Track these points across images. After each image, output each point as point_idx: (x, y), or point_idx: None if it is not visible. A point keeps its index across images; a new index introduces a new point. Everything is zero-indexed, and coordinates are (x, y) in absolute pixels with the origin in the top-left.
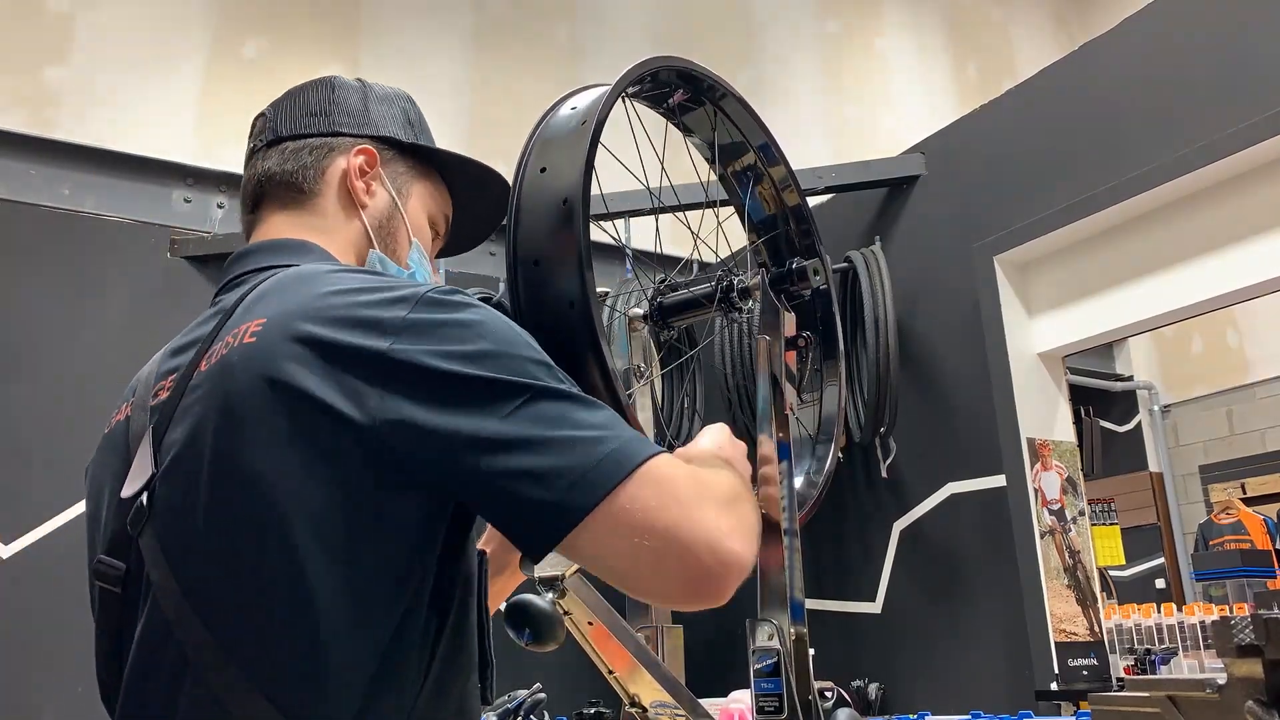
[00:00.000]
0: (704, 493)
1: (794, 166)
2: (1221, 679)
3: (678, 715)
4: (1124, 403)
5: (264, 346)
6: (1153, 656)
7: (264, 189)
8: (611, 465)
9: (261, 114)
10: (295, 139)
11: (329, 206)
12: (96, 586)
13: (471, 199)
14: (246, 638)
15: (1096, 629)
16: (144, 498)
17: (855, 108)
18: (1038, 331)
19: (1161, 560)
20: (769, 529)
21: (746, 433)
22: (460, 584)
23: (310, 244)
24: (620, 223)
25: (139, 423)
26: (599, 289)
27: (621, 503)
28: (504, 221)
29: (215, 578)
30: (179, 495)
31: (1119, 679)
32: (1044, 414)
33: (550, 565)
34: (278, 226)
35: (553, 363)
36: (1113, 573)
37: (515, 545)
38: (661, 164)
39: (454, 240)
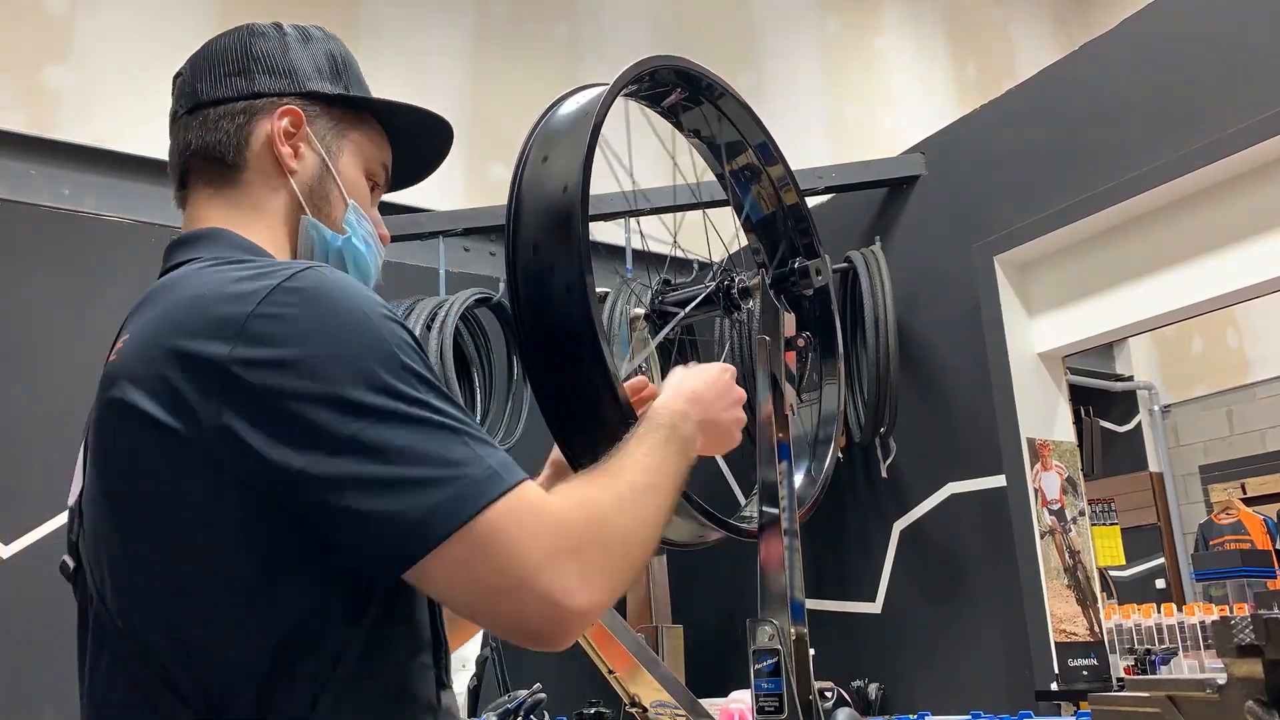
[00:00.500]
0: (556, 537)
1: (794, 166)
2: (1221, 679)
3: (678, 715)
4: (1124, 403)
5: (118, 365)
6: (1153, 657)
7: (188, 164)
8: (471, 493)
9: (180, 72)
10: (215, 104)
11: (254, 180)
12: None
13: (411, 136)
14: (153, 636)
15: (1096, 629)
16: (78, 506)
17: (855, 107)
18: (1038, 331)
19: (1161, 560)
20: (769, 527)
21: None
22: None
23: (228, 234)
24: (621, 223)
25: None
26: (599, 289)
27: (475, 531)
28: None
29: (118, 582)
30: (85, 507)
31: (1119, 679)
32: (1044, 414)
33: None
34: (203, 209)
35: (411, 362)
36: (1113, 573)
37: (367, 568)
38: (674, 162)
39: (397, 180)
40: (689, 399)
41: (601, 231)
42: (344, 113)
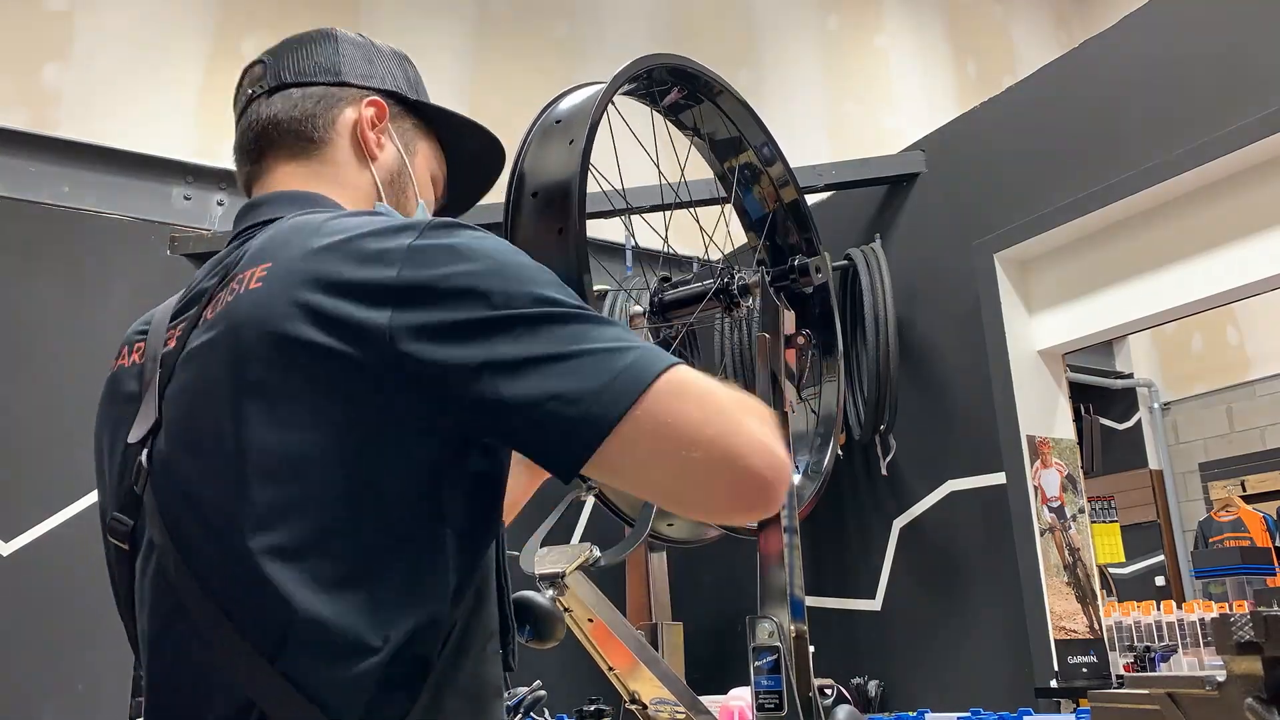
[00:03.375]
0: (739, 401)
1: (793, 164)
2: (1221, 676)
3: (678, 712)
4: (1124, 400)
5: (267, 295)
6: (1152, 654)
7: (269, 137)
8: (633, 375)
9: (258, 61)
10: (300, 86)
11: (340, 156)
12: (110, 543)
13: (466, 162)
14: (242, 600)
15: (1096, 626)
16: (144, 455)
17: (855, 105)
18: (1038, 329)
19: (1161, 558)
20: (769, 525)
21: None
22: (490, 542)
23: (321, 197)
24: (622, 222)
25: (149, 371)
26: (598, 288)
27: (646, 409)
28: (502, 219)
29: (208, 537)
30: (178, 451)
31: (1118, 676)
32: (1044, 411)
33: (551, 562)
34: (286, 178)
35: (560, 281)
36: (1112, 570)
37: (546, 468)
38: (681, 165)
39: (448, 203)
40: None
41: (601, 230)
42: (418, 121)
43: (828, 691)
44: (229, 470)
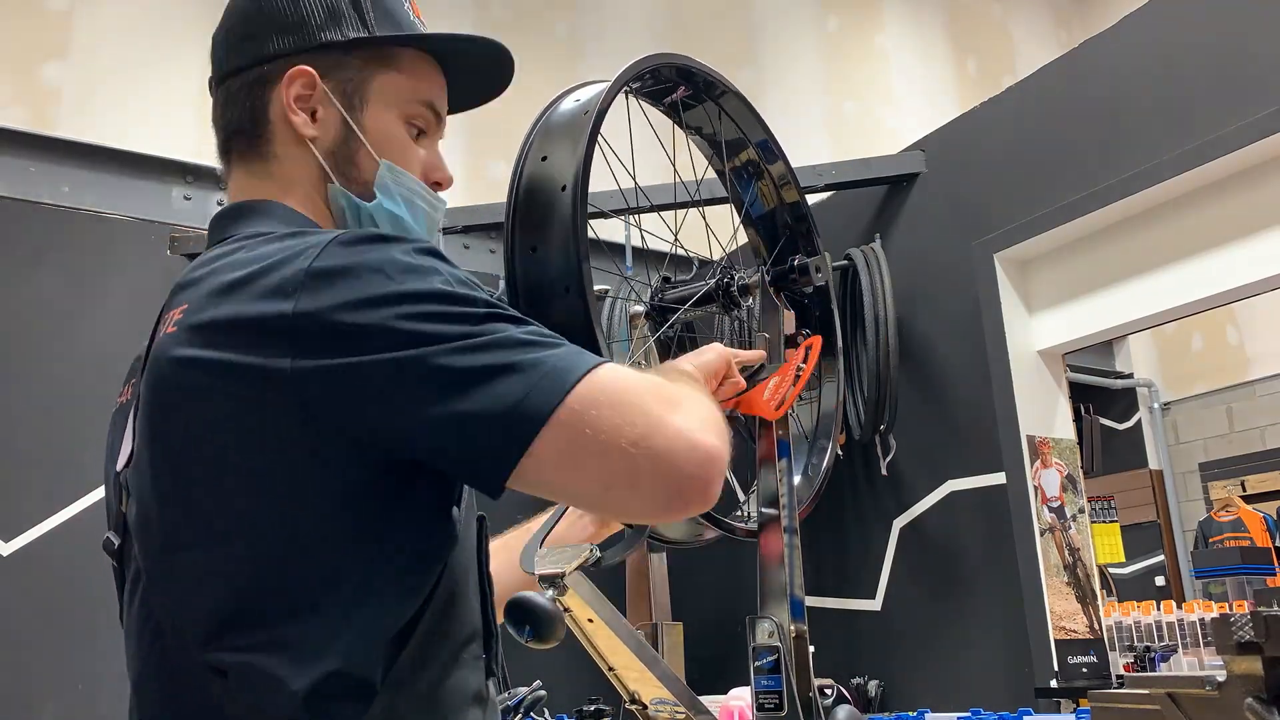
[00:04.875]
0: (662, 395)
1: (794, 164)
2: (1221, 676)
3: (678, 712)
4: (1124, 400)
5: (173, 341)
6: (1152, 654)
7: (222, 141)
8: (550, 384)
9: (214, 33)
10: (235, 74)
11: (280, 151)
12: (108, 560)
13: (459, 59)
14: (197, 608)
15: (1096, 626)
16: (124, 476)
17: (855, 105)
18: (1038, 329)
19: (1161, 558)
20: (769, 525)
21: (746, 429)
22: (445, 545)
23: (267, 204)
24: (622, 220)
25: (130, 400)
26: (598, 286)
27: (564, 418)
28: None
29: (164, 552)
30: (136, 475)
31: (1119, 676)
32: (1044, 411)
33: (551, 563)
34: (241, 184)
35: (472, 284)
36: (1112, 570)
37: (473, 487)
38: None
39: (461, 98)
40: (687, 362)
41: (601, 229)
42: (367, 56)
43: (828, 691)
44: (172, 498)
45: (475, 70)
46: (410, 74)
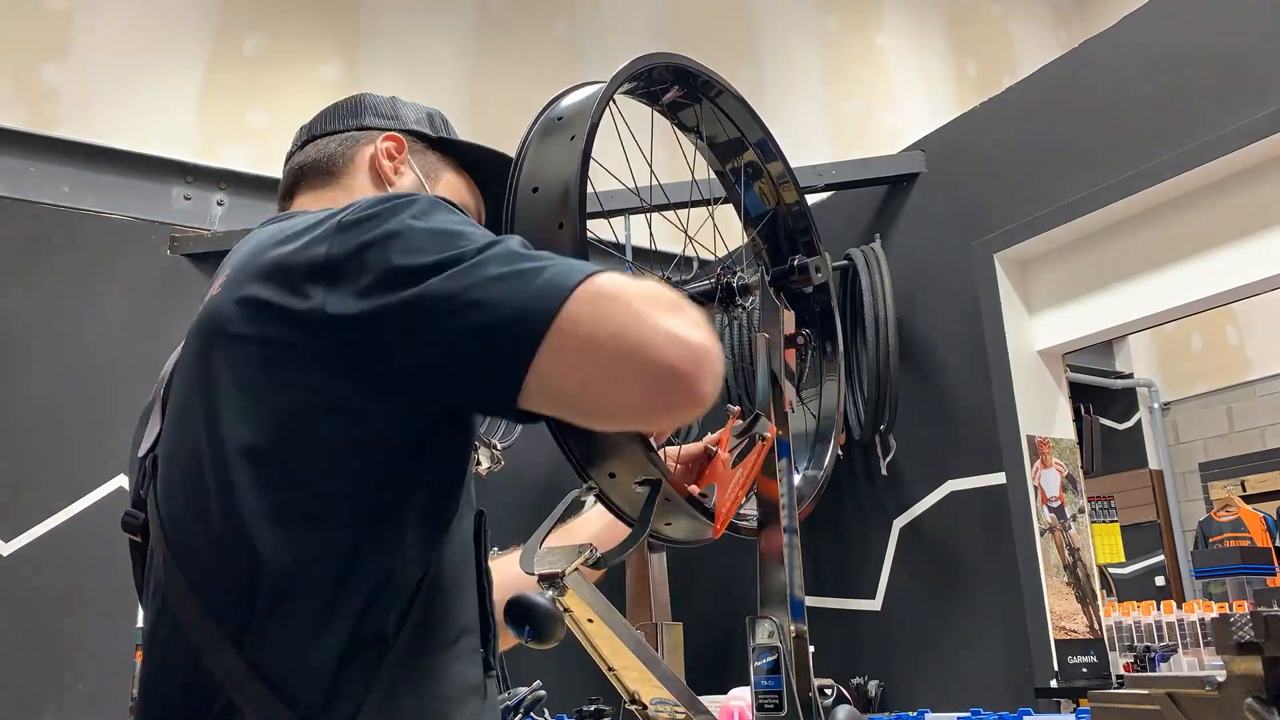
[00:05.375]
0: (651, 296)
1: (793, 164)
2: (1221, 676)
3: (677, 712)
4: (1124, 400)
5: (221, 298)
6: (1152, 654)
7: (297, 177)
8: (549, 292)
9: (302, 126)
10: (327, 135)
11: (356, 184)
12: (127, 537)
13: (496, 187)
14: (213, 581)
15: (1096, 626)
16: (150, 458)
17: (855, 105)
18: (1038, 329)
19: (1161, 558)
20: (769, 524)
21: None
22: (448, 518)
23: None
24: (619, 221)
25: (159, 387)
26: None
27: (564, 323)
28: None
29: (183, 522)
30: (165, 448)
31: (1118, 676)
32: (1044, 411)
33: (551, 563)
34: (303, 205)
35: (468, 218)
36: (1112, 570)
37: (492, 414)
38: (649, 163)
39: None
40: None
41: (601, 228)
42: (441, 157)
43: (828, 691)
44: (205, 454)
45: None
46: (464, 185)
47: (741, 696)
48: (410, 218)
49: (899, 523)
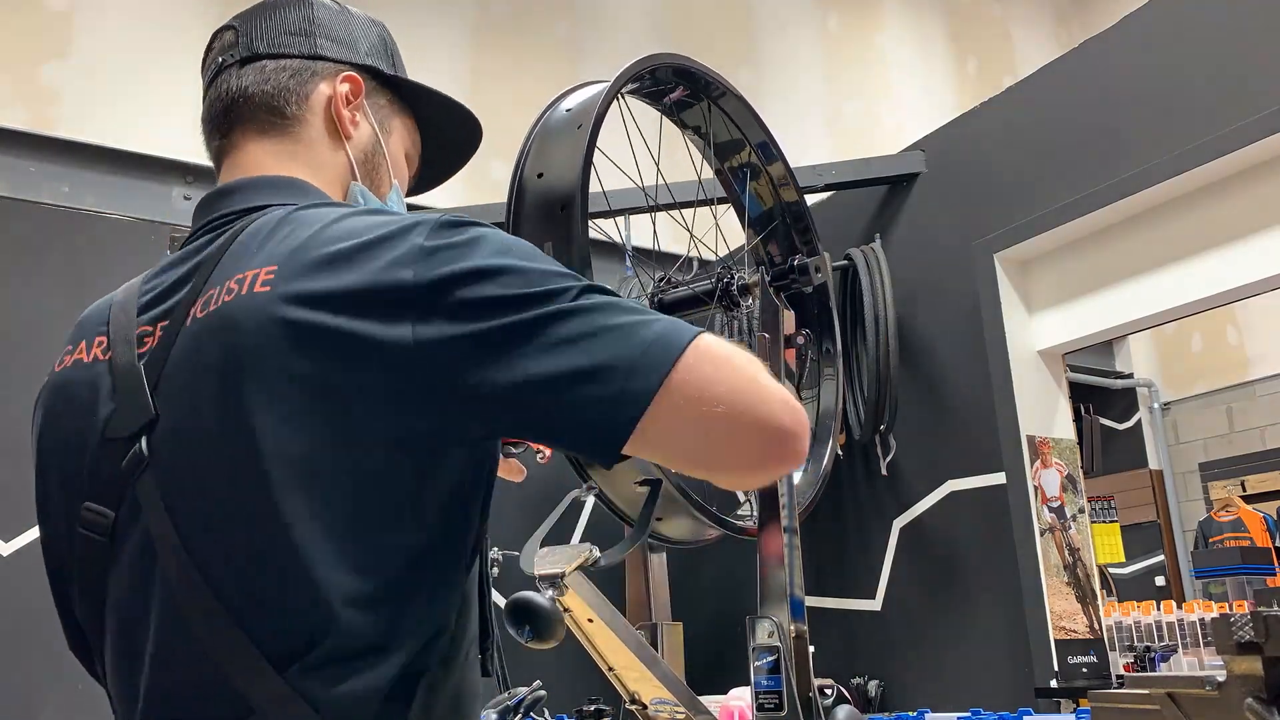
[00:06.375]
0: (752, 360)
1: (794, 164)
2: (1221, 676)
3: (678, 712)
4: (1124, 400)
5: (274, 303)
6: (1152, 654)
7: (239, 110)
8: (662, 346)
9: (228, 27)
10: (274, 58)
11: (314, 135)
12: (79, 535)
13: (441, 138)
14: (250, 599)
15: (1096, 626)
16: (143, 444)
17: (855, 104)
18: (1038, 329)
19: (1161, 557)
20: (769, 525)
21: None
22: (478, 547)
23: (303, 182)
24: (620, 221)
25: (125, 365)
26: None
27: (681, 378)
28: (504, 218)
29: (218, 535)
30: (182, 446)
31: (1119, 676)
32: (1044, 411)
33: (551, 563)
34: (258, 158)
35: (565, 268)
36: (1112, 570)
37: (588, 455)
38: (657, 163)
39: (427, 176)
40: None
41: (603, 228)
42: (393, 96)
43: (828, 691)
44: (253, 474)
45: (444, 147)
46: (410, 128)
47: (742, 696)
48: (502, 250)
49: (899, 523)
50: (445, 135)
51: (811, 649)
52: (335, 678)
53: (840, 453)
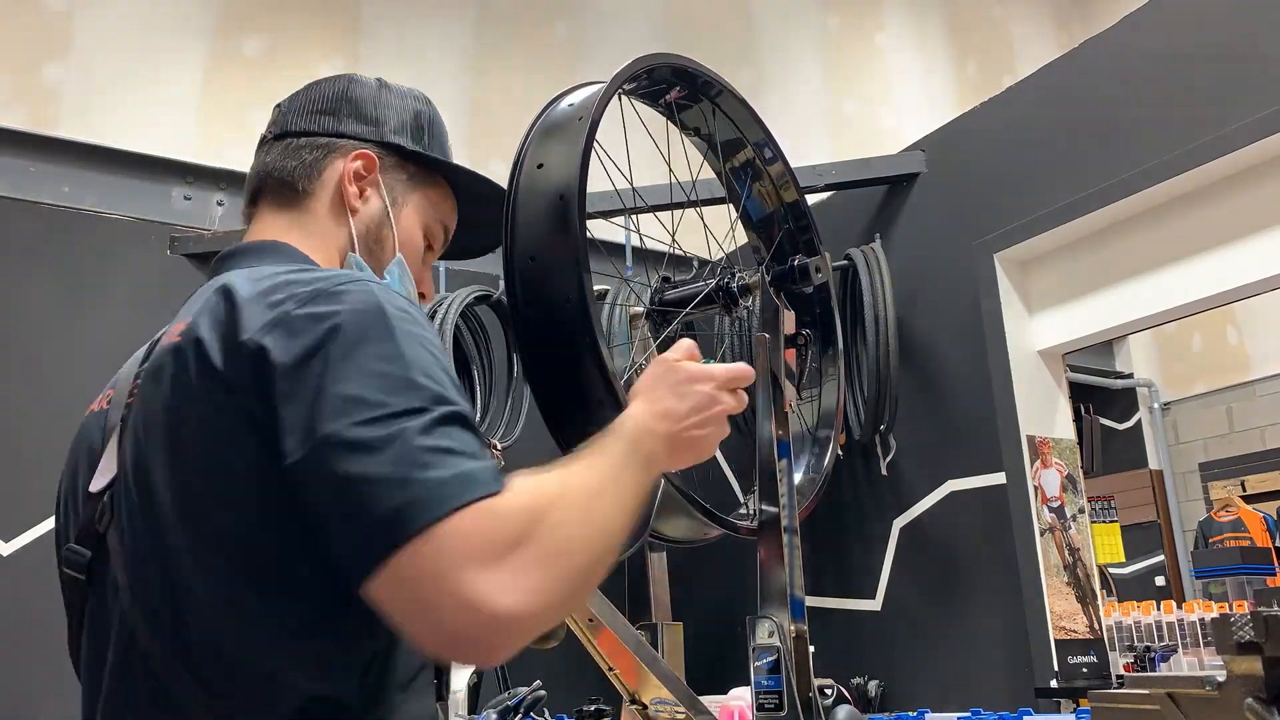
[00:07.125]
0: (507, 535)
1: (794, 164)
2: (1221, 676)
3: (678, 712)
4: (1124, 400)
5: (182, 345)
6: (1152, 654)
7: (262, 184)
8: (405, 517)
9: (279, 104)
10: (300, 135)
11: (319, 209)
12: (63, 571)
13: (475, 209)
14: (189, 641)
15: (1096, 626)
16: (108, 496)
17: (855, 105)
18: (1038, 329)
19: (1161, 558)
20: (769, 524)
21: (746, 427)
22: None
23: (284, 245)
24: (622, 219)
25: (114, 418)
26: (598, 287)
27: (401, 558)
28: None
29: (155, 584)
30: (131, 501)
31: (1118, 676)
32: (1044, 411)
33: None
34: (267, 225)
35: (429, 367)
36: (1112, 570)
37: (341, 562)
38: (668, 161)
39: (457, 247)
40: (660, 415)
41: (601, 229)
42: (418, 170)
43: (828, 691)
44: (155, 522)
45: (478, 220)
46: (439, 199)
47: (742, 696)
48: (349, 333)
49: (899, 523)
50: (476, 205)
51: (811, 649)
52: (247, 707)
53: (840, 453)
